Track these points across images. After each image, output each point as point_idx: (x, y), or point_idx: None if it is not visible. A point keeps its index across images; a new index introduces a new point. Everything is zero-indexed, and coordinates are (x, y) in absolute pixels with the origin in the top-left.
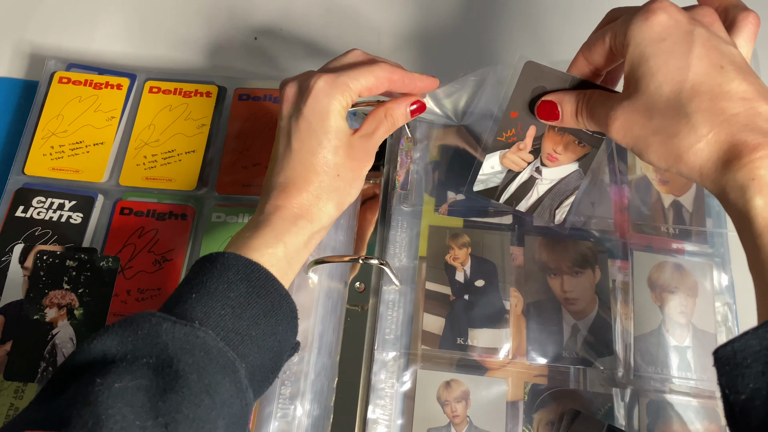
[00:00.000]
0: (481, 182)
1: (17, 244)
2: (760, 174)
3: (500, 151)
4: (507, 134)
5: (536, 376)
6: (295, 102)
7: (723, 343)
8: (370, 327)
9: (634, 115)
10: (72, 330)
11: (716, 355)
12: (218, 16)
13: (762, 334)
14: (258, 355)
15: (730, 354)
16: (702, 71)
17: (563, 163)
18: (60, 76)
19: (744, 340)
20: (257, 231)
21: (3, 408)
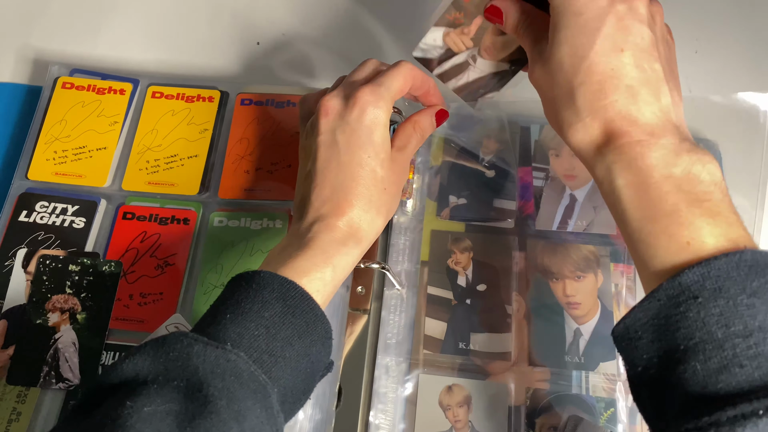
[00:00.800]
0: (421, 50)
1: (20, 248)
2: (622, 157)
3: (444, 28)
4: (455, 15)
5: (538, 381)
6: (340, 114)
7: (617, 322)
8: (371, 331)
9: (544, 76)
10: (74, 334)
11: (613, 334)
12: (220, 22)
13: (646, 305)
14: (291, 377)
15: (623, 330)
16: (602, 52)
17: (496, 58)
18: (63, 82)
19: (632, 315)
20: (305, 251)
21: (5, 412)
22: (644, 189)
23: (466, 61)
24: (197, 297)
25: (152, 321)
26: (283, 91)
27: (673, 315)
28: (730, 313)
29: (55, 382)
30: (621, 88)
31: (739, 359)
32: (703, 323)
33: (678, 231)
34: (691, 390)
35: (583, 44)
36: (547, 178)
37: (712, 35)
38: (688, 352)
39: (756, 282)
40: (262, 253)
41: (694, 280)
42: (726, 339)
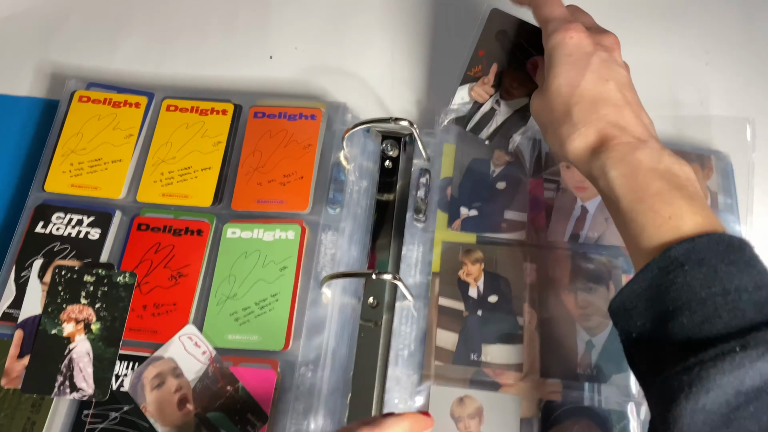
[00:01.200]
0: (454, 111)
1: (36, 259)
2: (613, 155)
3: (469, 84)
4: (475, 70)
5: (550, 393)
6: None
7: (613, 298)
8: (383, 343)
9: (543, 104)
10: (89, 345)
11: (610, 309)
12: (234, 36)
13: (640, 277)
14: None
15: (619, 304)
16: (591, 80)
17: (517, 97)
18: (80, 95)
19: (628, 288)
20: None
21: (20, 422)
22: (634, 177)
23: (492, 108)
24: (210, 308)
25: (165, 331)
26: (295, 104)
27: (663, 283)
28: (711, 278)
29: (69, 392)
30: (610, 106)
31: (718, 312)
32: (689, 286)
33: (662, 207)
34: (679, 341)
35: (575, 76)
36: (558, 189)
37: (723, 47)
38: (677, 311)
39: (733, 255)
40: (275, 264)
41: (682, 253)
42: (708, 297)
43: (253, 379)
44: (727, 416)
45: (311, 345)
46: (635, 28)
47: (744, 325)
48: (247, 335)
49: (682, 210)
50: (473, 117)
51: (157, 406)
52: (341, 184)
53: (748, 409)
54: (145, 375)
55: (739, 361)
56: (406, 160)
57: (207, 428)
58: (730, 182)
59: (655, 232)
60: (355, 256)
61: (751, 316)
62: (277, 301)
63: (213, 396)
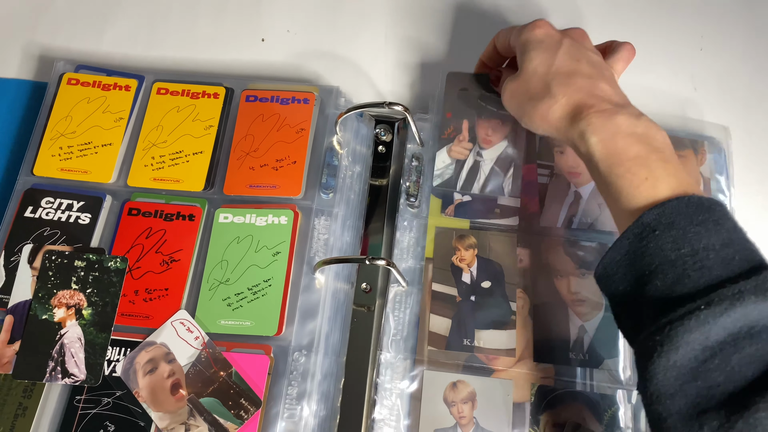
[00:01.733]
0: (439, 176)
1: (26, 244)
2: (592, 121)
3: (446, 147)
4: (447, 131)
5: (543, 378)
6: None
7: (597, 265)
8: (376, 328)
9: (518, 87)
10: (80, 330)
11: (595, 275)
12: (225, 18)
13: (618, 245)
14: None
15: (603, 270)
16: (564, 60)
17: (496, 142)
18: (69, 78)
19: (608, 256)
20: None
21: (12, 407)
22: (613, 142)
23: (475, 161)
24: (202, 293)
25: (158, 317)
26: (287, 87)
27: (638, 249)
28: (680, 240)
29: (61, 377)
30: (584, 77)
31: (687, 272)
32: (660, 249)
33: (638, 170)
34: (654, 303)
35: (549, 56)
36: (552, 175)
37: (717, 33)
38: (651, 274)
39: (701, 216)
40: (268, 249)
41: (653, 218)
42: (677, 258)
43: (247, 364)
44: (696, 370)
45: (304, 330)
46: (630, 13)
47: (711, 282)
48: (240, 320)
49: (657, 172)
50: (459, 176)
51: (150, 392)
52: (334, 169)
53: (714, 362)
54: (137, 360)
55: (704, 318)
56: (400, 144)
57: (200, 413)
58: (722, 168)
59: (632, 194)
60: (348, 241)
61: (718, 273)
62: (270, 287)
63: (206, 381)
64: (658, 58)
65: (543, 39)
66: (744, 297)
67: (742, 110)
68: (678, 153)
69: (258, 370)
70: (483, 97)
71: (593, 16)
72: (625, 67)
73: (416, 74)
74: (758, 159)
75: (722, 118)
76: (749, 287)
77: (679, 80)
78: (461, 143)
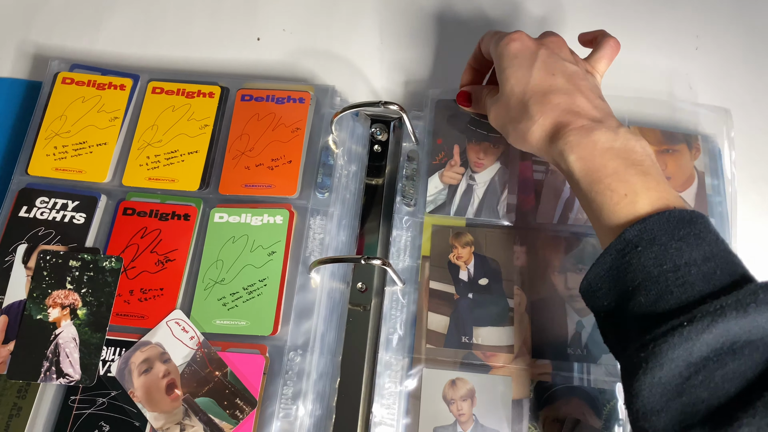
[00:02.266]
0: (431, 202)
1: (21, 244)
2: (570, 139)
3: (438, 172)
4: (439, 157)
5: (541, 374)
6: None
7: (582, 280)
8: (373, 327)
9: (500, 109)
10: (75, 330)
11: (580, 291)
12: (221, 17)
13: (602, 261)
14: None
15: (587, 286)
16: (539, 77)
17: (488, 165)
18: (63, 77)
19: (592, 271)
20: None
21: (6, 408)
22: (591, 159)
23: (468, 184)
24: (198, 293)
25: (153, 316)
26: (283, 87)
27: (621, 265)
28: (662, 256)
29: (56, 378)
30: (561, 94)
31: (670, 288)
32: (643, 266)
33: (618, 186)
34: (638, 319)
35: (524, 74)
36: (547, 171)
37: (712, 32)
38: (635, 290)
39: (683, 231)
40: (263, 249)
41: (635, 234)
42: (660, 275)
43: (242, 364)
44: (680, 386)
45: (300, 330)
46: (626, 12)
47: (693, 298)
48: (236, 320)
49: (637, 187)
50: (453, 201)
51: (145, 392)
52: (330, 169)
53: (698, 378)
54: (132, 360)
55: (687, 334)
56: (395, 143)
57: (195, 413)
58: (717, 163)
59: (613, 210)
60: (343, 240)
61: (700, 288)
62: (265, 286)
63: (201, 381)
64: (654, 56)
65: (517, 54)
66: (726, 312)
67: (737, 109)
68: (672, 147)
69: (253, 370)
70: (472, 121)
71: (589, 13)
72: (608, 65)
73: (411, 73)
74: (754, 157)
75: (717, 116)
76: (730, 302)
77: (675, 78)
78: (453, 168)
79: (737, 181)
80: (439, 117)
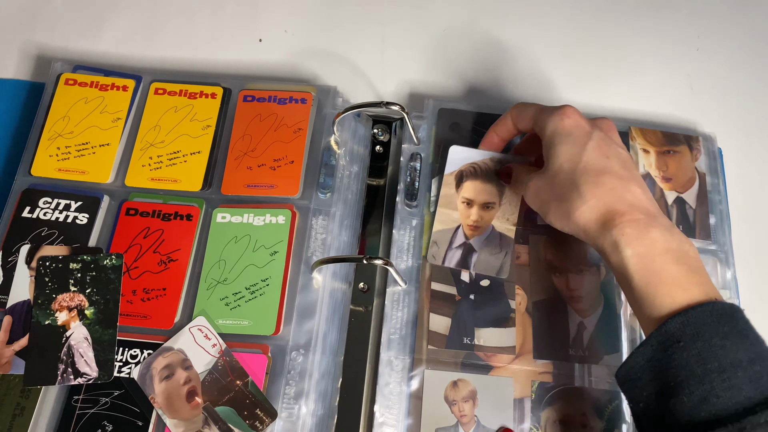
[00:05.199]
0: (435, 202)
1: (24, 244)
2: (626, 231)
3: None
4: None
5: (542, 374)
6: None
7: (619, 366)
8: (375, 327)
9: (543, 184)
10: (86, 330)
11: (617, 377)
12: (223, 19)
13: (643, 351)
14: None
15: (625, 374)
16: (593, 157)
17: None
18: (66, 78)
19: (632, 360)
20: None
21: (9, 408)
22: (650, 258)
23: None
24: (200, 293)
25: (156, 316)
26: (285, 88)
27: (663, 358)
28: (706, 354)
29: (73, 378)
30: (615, 178)
31: (716, 391)
32: (686, 363)
33: (674, 290)
34: (680, 419)
35: (578, 152)
36: None
37: (714, 33)
38: (677, 387)
39: (726, 327)
40: (265, 249)
41: (677, 328)
42: (704, 375)
43: (244, 363)
44: None
45: (302, 330)
46: (628, 13)
47: (741, 403)
48: (238, 320)
49: (687, 287)
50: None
51: (166, 398)
52: (332, 169)
53: None
54: (154, 366)
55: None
56: (397, 144)
57: (215, 422)
58: (717, 163)
59: (659, 303)
60: (345, 240)
61: (748, 394)
62: (267, 286)
63: (222, 390)
64: (656, 57)
65: (571, 131)
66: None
67: (737, 109)
68: (673, 149)
69: (256, 370)
70: (475, 131)
71: (591, 14)
72: None
73: (413, 73)
74: (753, 158)
75: (718, 116)
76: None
77: (676, 79)
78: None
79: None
80: (442, 124)
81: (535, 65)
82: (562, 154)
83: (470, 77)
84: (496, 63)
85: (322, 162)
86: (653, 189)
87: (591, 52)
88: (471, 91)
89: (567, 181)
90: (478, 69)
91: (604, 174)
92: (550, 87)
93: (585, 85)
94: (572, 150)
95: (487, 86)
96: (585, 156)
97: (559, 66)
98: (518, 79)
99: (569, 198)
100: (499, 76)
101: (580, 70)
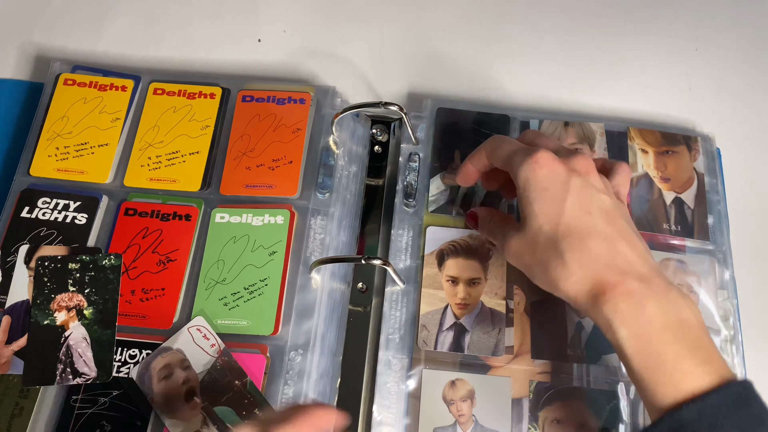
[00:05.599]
0: (433, 202)
1: (23, 244)
2: (620, 308)
3: (439, 174)
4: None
5: (540, 374)
6: None
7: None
8: (373, 327)
9: (523, 247)
10: (84, 330)
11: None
12: (222, 19)
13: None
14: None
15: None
16: (573, 215)
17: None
18: (65, 78)
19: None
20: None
21: (8, 407)
22: (647, 338)
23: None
24: (199, 293)
25: (155, 317)
26: (284, 88)
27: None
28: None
29: (72, 378)
30: (600, 240)
31: None
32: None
33: (681, 380)
34: None
35: (556, 212)
36: None
37: (712, 33)
38: None
39: (742, 416)
40: (264, 249)
41: (693, 417)
42: None
43: (243, 363)
44: None
45: (300, 330)
46: (627, 13)
47: None
48: (236, 320)
49: (701, 381)
50: (455, 202)
51: (164, 398)
52: (330, 169)
53: None
54: (153, 366)
55: None
56: (396, 144)
57: (214, 422)
58: (716, 164)
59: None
60: (344, 241)
61: None
62: (266, 286)
63: (221, 390)
64: (654, 57)
65: (546, 185)
66: None
67: (736, 109)
68: (671, 149)
69: (254, 370)
70: (473, 130)
71: (589, 14)
72: (627, 189)
73: (412, 73)
74: (752, 158)
75: (716, 116)
76: None
77: (675, 79)
78: (454, 171)
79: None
80: (440, 123)
81: (533, 65)
82: (541, 214)
83: (469, 77)
84: (495, 63)
85: (320, 162)
86: (652, 189)
87: (590, 53)
88: (470, 91)
89: (548, 245)
90: (477, 69)
91: (587, 237)
92: (549, 87)
93: (584, 86)
94: (550, 209)
95: (486, 86)
96: (565, 215)
97: (558, 66)
98: (517, 79)
99: (553, 266)
100: (497, 76)
101: (579, 70)
